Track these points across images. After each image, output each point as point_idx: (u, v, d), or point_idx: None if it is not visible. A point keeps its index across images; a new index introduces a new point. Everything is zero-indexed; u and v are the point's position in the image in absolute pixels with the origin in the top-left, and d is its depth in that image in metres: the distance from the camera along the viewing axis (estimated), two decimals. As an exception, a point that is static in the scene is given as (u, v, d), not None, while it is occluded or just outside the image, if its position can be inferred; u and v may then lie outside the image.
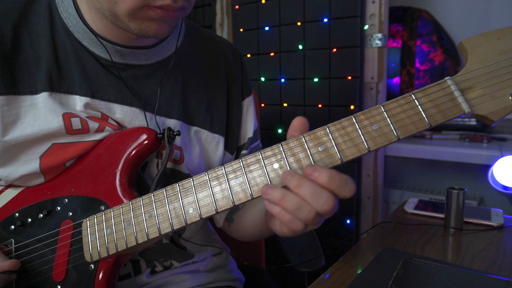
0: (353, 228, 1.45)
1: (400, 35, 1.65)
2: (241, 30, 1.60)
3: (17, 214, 0.56)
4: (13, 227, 0.56)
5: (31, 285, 0.54)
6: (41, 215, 0.55)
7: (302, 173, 0.42)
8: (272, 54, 1.52)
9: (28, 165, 0.54)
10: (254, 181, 0.43)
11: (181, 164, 0.62)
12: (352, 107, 1.38)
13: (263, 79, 1.57)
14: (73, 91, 0.56)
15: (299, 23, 1.44)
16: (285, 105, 1.53)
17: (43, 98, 0.54)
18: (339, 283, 0.58)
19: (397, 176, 1.68)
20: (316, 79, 1.43)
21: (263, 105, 1.59)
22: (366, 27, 1.33)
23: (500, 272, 0.59)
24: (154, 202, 0.48)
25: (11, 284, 0.54)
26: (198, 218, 0.45)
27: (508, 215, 0.81)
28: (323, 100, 1.43)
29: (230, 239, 0.75)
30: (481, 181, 1.41)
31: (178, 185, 0.47)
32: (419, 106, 0.40)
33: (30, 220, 0.56)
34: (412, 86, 1.61)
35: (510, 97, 0.39)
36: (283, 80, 1.52)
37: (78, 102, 0.55)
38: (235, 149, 0.72)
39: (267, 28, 1.52)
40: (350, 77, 1.36)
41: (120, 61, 0.58)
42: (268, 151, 0.43)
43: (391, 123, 0.40)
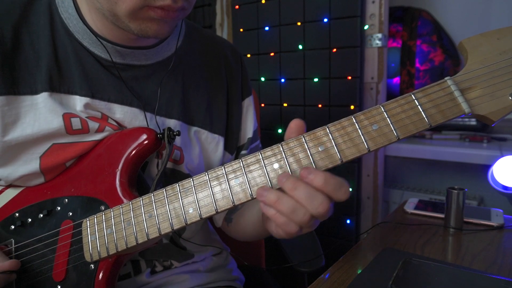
0: (353, 228, 1.45)
1: (400, 35, 1.65)
2: (241, 30, 1.60)
3: (17, 214, 0.56)
4: (13, 227, 0.56)
5: (31, 285, 0.54)
6: (41, 215, 0.55)
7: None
8: (272, 54, 1.52)
9: (28, 165, 0.54)
10: (254, 181, 0.43)
11: (181, 164, 0.62)
12: (352, 107, 1.38)
13: (263, 79, 1.57)
14: (73, 91, 0.56)
15: (299, 23, 1.44)
16: (285, 105, 1.53)
17: (43, 98, 0.54)
18: (339, 283, 0.58)
19: (397, 176, 1.68)
20: (316, 79, 1.43)
21: (263, 105, 1.58)
22: (366, 27, 1.33)
23: (500, 272, 0.59)
24: (154, 202, 0.48)
25: (11, 284, 0.54)
26: (198, 218, 0.45)
27: (508, 215, 0.81)
28: (323, 100, 1.43)
29: (230, 239, 0.75)
30: (481, 181, 1.41)
31: (178, 185, 0.47)
32: (419, 106, 0.40)
33: (30, 220, 0.56)
34: (412, 86, 1.61)
35: (510, 97, 0.39)
36: (283, 80, 1.52)
37: (78, 102, 0.55)
38: (235, 149, 0.72)
39: (267, 28, 1.52)
40: (350, 77, 1.36)
41: (120, 61, 0.58)
42: (268, 151, 0.43)
43: (391, 123, 0.40)
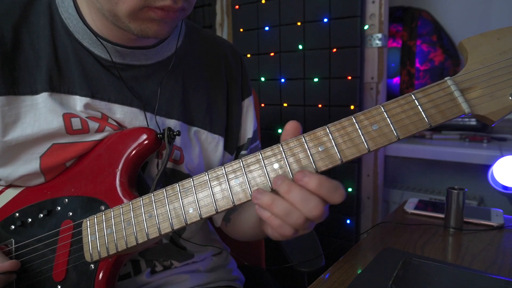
0: (353, 228, 1.45)
1: (400, 35, 1.65)
2: (241, 30, 1.60)
3: (17, 214, 0.56)
4: (13, 227, 0.56)
5: (31, 285, 0.54)
6: (41, 215, 0.55)
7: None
8: (272, 54, 1.52)
9: (28, 165, 0.54)
10: (254, 181, 0.43)
11: (181, 164, 0.62)
12: (352, 107, 1.38)
13: (263, 79, 1.57)
14: (73, 91, 0.56)
15: (299, 23, 1.43)
16: (285, 105, 1.53)
17: (43, 98, 0.54)
18: (339, 283, 0.58)
19: (397, 176, 1.68)
20: (316, 79, 1.43)
21: (263, 105, 1.58)
22: (366, 27, 1.33)
23: (500, 272, 0.59)
24: (154, 202, 0.48)
25: (11, 284, 0.54)
26: (198, 218, 0.45)
27: (508, 215, 0.81)
28: (323, 100, 1.43)
29: (230, 239, 0.75)
30: (481, 181, 1.41)
31: (178, 185, 0.47)
32: (419, 106, 0.40)
33: (30, 220, 0.56)
34: (412, 86, 1.61)
35: (510, 97, 0.39)
36: (283, 80, 1.52)
37: (78, 102, 0.55)
38: (234, 149, 0.72)
39: (267, 28, 1.52)
40: (350, 77, 1.36)
41: (120, 61, 0.58)
42: (268, 151, 0.43)
43: (391, 123, 0.40)
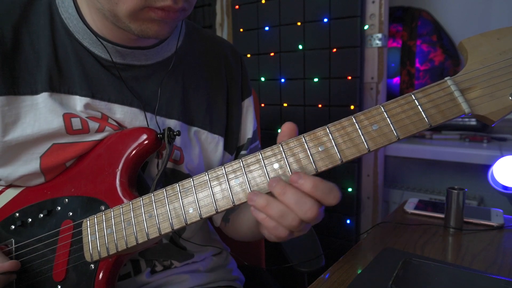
0: (353, 228, 1.45)
1: (400, 35, 1.65)
2: (241, 30, 1.60)
3: (17, 214, 0.56)
4: (13, 227, 0.56)
5: (31, 285, 0.54)
6: (41, 215, 0.55)
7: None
8: (272, 54, 1.52)
9: (28, 165, 0.54)
10: (254, 181, 0.43)
11: (181, 164, 0.62)
12: (352, 107, 1.38)
13: (263, 79, 1.57)
14: (73, 91, 0.56)
15: (299, 23, 1.43)
16: (285, 105, 1.53)
17: (43, 98, 0.54)
18: (339, 283, 0.58)
19: (397, 176, 1.68)
20: (316, 79, 1.43)
21: (263, 105, 1.58)
22: (366, 27, 1.33)
23: (500, 272, 0.59)
24: (154, 202, 0.48)
25: (11, 284, 0.54)
26: (198, 218, 0.45)
27: (508, 215, 0.81)
28: (323, 100, 1.43)
29: (230, 239, 0.75)
30: (481, 181, 1.41)
31: (178, 185, 0.47)
32: (419, 106, 0.40)
33: (30, 220, 0.56)
34: (412, 86, 1.61)
35: (510, 97, 0.39)
36: (283, 80, 1.52)
37: (78, 103, 0.55)
38: (234, 149, 0.72)
39: (267, 28, 1.52)
40: (350, 77, 1.36)
41: (120, 61, 0.58)
42: (268, 151, 0.43)
43: (391, 123, 0.40)
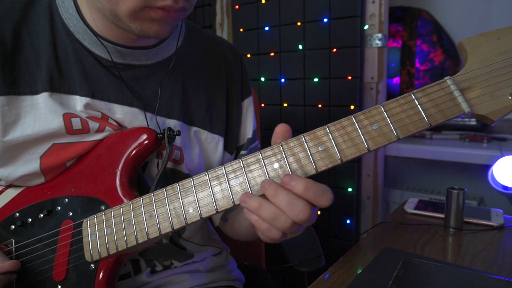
0: (353, 228, 1.45)
1: (400, 35, 1.65)
2: (241, 30, 1.60)
3: (17, 214, 0.56)
4: (13, 227, 0.56)
5: (31, 285, 0.54)
6: (41, 215, 0.55)
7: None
8: (272, 54, 1.52)
9: (29, 165, 0.54)
10: (254, 180, 0.43)
11: (181, 164, 0.62)
12: (352, 107, 1.38)
13: (263, 79, 1.57)
14: (73, 91, 0.56)
15: (299, 23, 1.43)
16: (285, 105, 1.53)
17: (43, 98, 0.54)
18: (339, 283, 0.58)
19: (397, 176, 1.68)
20: (316, 79, 1.43)
21: (263, 105, 1.59)
22: (366, 27, 1.33)
23: (500, 272, 0.59)
24: (154, 202, 0.48)
25: (12, 284, 0.54)
26: (198, 218, 0.45)
27: (508, 215, 0.81)
28: (323, 100, 1.43)
29: (230, 238, 0.75)
30: (481, 181, 1.41)
31: (178, 185, 0.47)
32: (419, 106, 0.40)
33: (30, 220, 0.56)
34: (412, 86, 1.61)
35: (510, 97, 0.39)
36: (283, 80, 1.52)
37: (79, 103, 0.55)
38: (234, 149, 0.72)
39: (267, 28, 1.52)
40: (350, 77, 1.36)
41: (120, 61, 0.58)
42: (268, 151, 0.43)
43: (391, 123, 0.40)
